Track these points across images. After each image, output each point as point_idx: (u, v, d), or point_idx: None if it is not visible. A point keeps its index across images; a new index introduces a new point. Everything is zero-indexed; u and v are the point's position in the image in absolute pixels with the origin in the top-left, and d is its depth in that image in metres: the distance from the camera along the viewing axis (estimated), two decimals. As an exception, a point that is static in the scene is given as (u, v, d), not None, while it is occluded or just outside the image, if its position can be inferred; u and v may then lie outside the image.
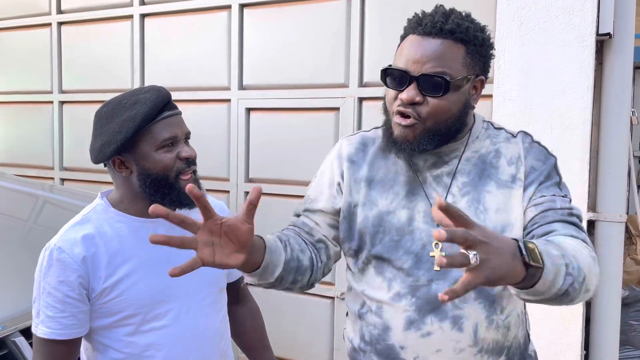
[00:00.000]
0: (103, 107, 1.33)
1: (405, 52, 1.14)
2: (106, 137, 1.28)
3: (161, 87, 1.34)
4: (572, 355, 2.39)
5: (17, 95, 4.02)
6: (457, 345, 1.18)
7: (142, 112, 1.26)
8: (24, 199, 2.75)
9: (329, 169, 1.34)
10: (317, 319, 3.04)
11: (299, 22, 3.00)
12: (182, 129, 1.34)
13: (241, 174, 3.17)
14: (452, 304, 1.17)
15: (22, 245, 2.23)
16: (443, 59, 1.11)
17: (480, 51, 1.15)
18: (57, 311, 1.27)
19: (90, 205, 1.39)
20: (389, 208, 1.23)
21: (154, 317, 1.32)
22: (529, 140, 1.26)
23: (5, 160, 4.10)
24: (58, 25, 3.78)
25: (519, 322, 1.26)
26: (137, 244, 1.32)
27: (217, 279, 1.45)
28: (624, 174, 2.49)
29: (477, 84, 1.19)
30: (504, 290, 1.19)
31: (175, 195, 1.31)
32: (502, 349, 1.22)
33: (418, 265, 1.19)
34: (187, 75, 3.32)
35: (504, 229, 1.16)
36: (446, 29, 1.11)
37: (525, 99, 2.37)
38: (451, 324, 1.17)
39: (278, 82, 3.06)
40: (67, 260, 1.26)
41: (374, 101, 2.82)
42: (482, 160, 1.22)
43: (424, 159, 1.23)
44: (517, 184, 1.19)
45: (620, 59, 2.42)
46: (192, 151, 1.33)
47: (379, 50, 2.79)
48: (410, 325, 1.19)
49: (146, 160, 1.29)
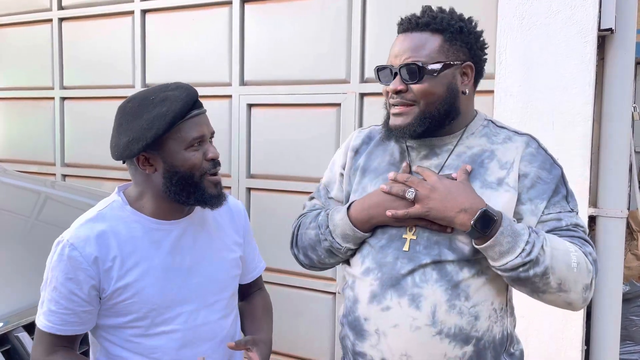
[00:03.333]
0: (128, 103, 1.31)
1: (390, 51, 1.30)
2: (133, 134, 1.26)
3: (188, 85, 1.34)
4: (573, 350, 2.39)
5: (19, 92, 4.02)
6: (413, 322, 1.23)
7: (173, 110, 1.25)
8: (26, 195, 2.76)
9: (339, 158, 1.46)
10: (318, 315, 3.04)
11: (300, 17, 2.99)
12: (209, 128, 1.34)
13: (242, 170, 3.17)
14: (412, 282, 1.24)
15: (24, 241, 2.24)
16: (417, 49, 1.24)
17: (461, 37, 1.25)
18: (60, 307, 1.27)
19: (107, 200, 1.37)
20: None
21: (163, 320, 1.32)
22: (535, 146, 1.29)
23: (6, 156, 4.10)
24: (59, 21, 3.78)
25: (496, 317, 1.28)
26: (150, 247, 1.31)
27: (228, 284, 1.44)
28: (625, 170, 2.49)
29: (467, 70, 1.27)
30: (473, 278, 1.23)
31: (200, 194, 1.31)
32: (468, 337, 1.24)
33: (389, 244, 1.28)
34: (188, 71, 3.32)
35: None
36: (421, 22, 1.24)
37: (527, 94, 2.37)
38: (409, 300, 1.23)
39: (279, 78, 3.06)
40: (78, 259, 1.26)
41: (375, 97, 2.82)
42: (472, 160, 1.28)
43: (418, 151, 1.32)
44: (503, 187, 1.24)
45: (622, 55, 2.41)
46: (217, 151, 1.34)
47: (380, 46, 2.79)
48: (373, 299, 1.27)
49: (174, 158, 1.28)
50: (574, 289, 1.18)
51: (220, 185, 1.34)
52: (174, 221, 1.35)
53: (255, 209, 3.15)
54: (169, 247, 1.33)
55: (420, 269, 1.23)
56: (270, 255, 3.12)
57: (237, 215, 1.51)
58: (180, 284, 1.33)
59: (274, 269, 3.10)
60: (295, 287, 3.08)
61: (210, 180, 1.31)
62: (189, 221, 1.37)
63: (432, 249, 1.23)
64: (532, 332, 2.43)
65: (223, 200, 1.35)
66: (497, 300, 1.28)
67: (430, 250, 1.23)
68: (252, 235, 1.57)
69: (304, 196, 2.97)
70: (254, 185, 3.15)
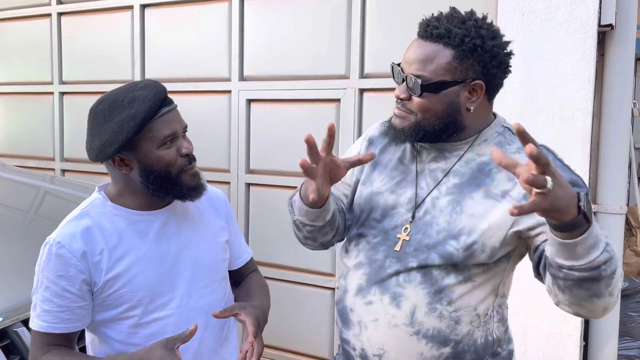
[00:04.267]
0: (98, 105, 1.32)
1: (405, 53, 1.26)
2: (106, 137, 1.27)
3: (156, 81, 1.34)
4: (572, 346, 2.40)
5: (18, 86, 4.02)
6: (392, 320, 1.26)
7: (142, 111, 1.25)
8: (25, 190, 2.76)
9: (356, 145, 1.47)
10: (317, 310, 3.05)
11: (299, 12, 2.99)
12: (180, 123, 1.34)
13: (242, 165, 3.17)
14: (396, 281, 1.26)
15: (23, 236, 2.24)
16: (424, 62, 1.20)
17: (473, 56, 1.19)
18: (54, 305, 1.28)
19: (89, 199, 1.39)
20: (380, 189, 1.34)
21: (156, 307, 1.33)
22: (550, 158, 1.22)
23: (5, 151, 4.10)
24: (58, 15, 3.77)
25: (479, 323, 1.27)
26: (135, 237, 1.33)
27: (218, 268, 1.46)
28: (624, 166, 2.50)
29: (476, 87, 1.22)
30: (459, 285, 1.23)
31: (178, 190, 1.33)
32: (446, 340, 1.24)
33: (383, 242, 1.30)
34: (188, 66, 3.31)
35: (470, 232, 1.21)
36: (435, 33, 1.20)
37: (527, 90, 2.37)
38: (390, 298, 1.26)
39: (279, 74, 3.06)
40: (66, 255, 1.27)
41: (375, 92, 2.81)
42: (480, 168, 1.26)
43: (428, 152, 1.32)
44: (506, 199, 1.21)
45: (622, 51, 2.41)
46: (190, 146, 1.35)
47: (380, 42, 2.78)
48: (359, 292, 1.31)
49: (148, 158, 1.29)
50: (616, 293, 1.12)
51: (198, 176, 1.36)
52: (155, 211, 1.37)
53: (255, 204, 3.15)
54: (153, 236, 1.35)
55: (405, 272, 1.25)
56: (270, 251, 3.12)
57: (217, 200, 1.53)
58: (169, 270, 1.34)
59: (273, 264, 3.11)
60: (294, 283, 3.08)
61: (188, 174, 1.33)
62: (171, 210, 1.40)
63: (422, 252, 1.24)
64: (531, 328, 2.44)
65: (203, 191, 1.37)
66: (482, 307, 1.27)
67: (419, 254, 1.24)
68: (235, 221, 1.59)
69: (303, 192, 2.97)
70: (253, 181, 3.15)
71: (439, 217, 1.25)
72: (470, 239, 1.21)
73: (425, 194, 1.28)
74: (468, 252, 1.21)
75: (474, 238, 1.21)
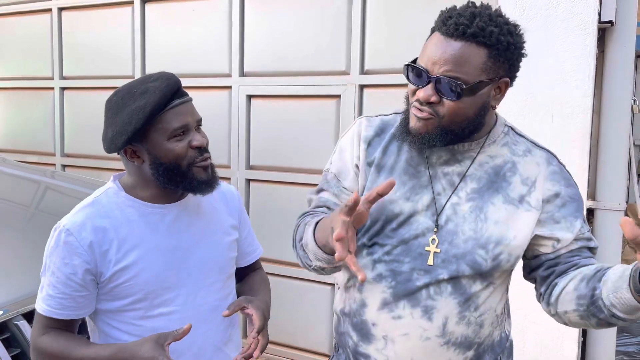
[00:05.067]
0: (113, 96, 1.33)
1: (427, 51, 1.15)
2: (117, 128, 1.28)
3: (171, 74, 1.33)
4: (570, 342, 2.41)
5: (18, 82, 4.02)
6: (424, 333, 1.22)
7: (151, 102, 1.25)
8: (26, 185, 2.76)
9: (349, 146, 1.33)
10: (317, 306, 3.06)
11: (300, 8, 2.98)
12: (193, 116, 1.32)
13: (242, 161, 3.18)
14: (426, 294, 1.21)
15: (23, 230, 2.24)
16: (460, 63, 1.11)
17: (505, 55, 1.14)
18: (57, 291, 1.29)
19: (103, 188, 1.39)
20: (392, 197, 1.24)
21: (161, 302, 1.33)
22: (556, 163, 1.27)
23: (6, 146, 4.10)
24: (58, 10, 3.77)
25: (497, 322, 1.29)
26: (146, 230, 1.33)
27: (225, 266, 1.45)
28: (624, 163, 2.50)
29: (502, 85, 1.18)
30: (483, 290, 1.23)
31: (188, 183, 1.32)
32: (471, 344, 1.25)
33: (405, 253, 1.23)
34: (188, 61, 3.32)
35: (498, 242, 1.20)
36: (469, 32, 1.10)
37: (526, 86, 2.37)
38: (422, 312, 1.22)
39: (279, 69, 3.06)
40: (73, 244, 1.27)
41: (375, 89, 2.82)
42: (495, 172, 1.24)
43: (438, 155, 1.25)
44: (524, 206, 1.21)
45: (622, 47, 2.41)
46: (203, 139, 1.33)
47: (380, 38, 2.78)
48: (384, 306, 1.25)
49: (158, 149, 1.28)
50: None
51: (210, 169, 1.34)
52: (168, 205, 1.36)
53: (255, 200, 3.16)
54: (164, 230, 1.35)
55: (436, 284, 1.21)
56: (269, 246, 3.13)
57: (231, 198, 1.52)
58: (177, 265, 1.34)
59: (273, 260, 3.11)
60: (293, 278, 3.09)
61: (199, 166, 1.31)
62: (184, 204, 1.39)
63: (451, 264, 1.20)
64: (529, 324, 2.44)
65: (215, 185, 1.35)
66: (499, 307, 1.29)
67: (449, 265, 1.20)
68: (247, 219, 1.58)
69: (303, 187, 2.98)
70: (253, 177, 3.16)
71: (463, 225, 1.21)
72: (498, 249, 1.20)
73: (444, 200, 1.23)
74: (495, 262, 1.20)
75: (501, 248, 1.20)
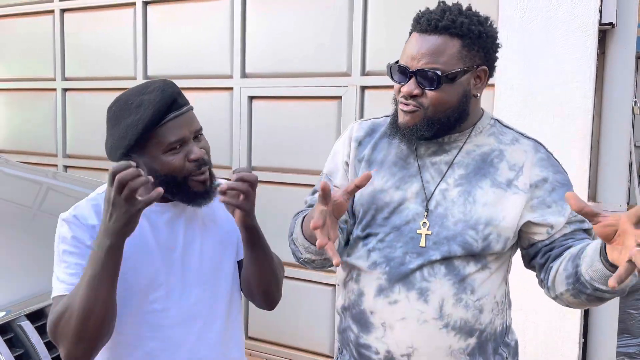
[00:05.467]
0: (112, 105, 1.32)
1: (406, 50, 1.25)
2: (114, 141, 1.29)
3: (169, 84, 1.30)
4: (571, 343, 2.41)
5: (20, 83, 4.03)
6: (421, 315, 1.24)
7: (143, 119, 1.24)
8: (28, 186, 2.77)
9: (341, 148, 1.43)
10: (318, 307, 3.06)
11: (301, 10, 2.99)
12: (190, 127, 1.29)
13: (243, 162, 3.18)
14: (420, 276, 1.25)
15: (25, 231, 2.25)
16: (436, 54, 1.20)
17: (479, 43, 1.22)
18: (70, 270, 1.26)
19: (104, 186, 1.40)
20: (383, 187, 1.31)
21: (154, 299, 1.33)
22: (544, 151, 1.31)
23: (8, 147, 4.11)
24: (61, 12, 3.78)
25: (497, 310, 1.30)
26: (145, 226, 1.33)
27: (224, 268, 1.44)
28: (624, 164, 2.50)
29: (480, 74, 1.25)
30: (478, 272, 1.25)
31: (184, 194, 1.31)
32: (472, 330, 1.26)
33: (398, 238, 1.27)
34: (190, 63, 3.32)
35: (488, 222, 1.24)
36: (440, 25, 1.20)
37: (527, 88, 2.37)
38: (417, 294, 1.24)
39: (280, 71, 3.07)
40: (80, 221, 1.29)
41: (376, 90, 2.82)
42: (482, 158, 1.28)
43: (426, 147, 1.31)
44: (512, 189, 1.25)
45: (622, 49, 2.42)
46: (200, 151, 1.30)
47: (381, 39, 2.79)
48: (380, 292, 1.28)
49: (154, 162, 1.28)
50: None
51: (207, 183, 1.31)
52: (167, 203, 1.37)
53: (256, 201, 3.15)
54: (162, 227, 1.35)
55: (429, 265, 1.24)
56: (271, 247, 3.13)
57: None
58: (171, 263, 1.34)
59: (274, 261, 3.11)
60: (295, 279, 3.09)
61: (196, 180, 1.29)
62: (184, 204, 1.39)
63: (442, 245, 1.24)
64: (530, 324, 2.45)
65: (209, 198, 1.33)
66: (498, 294, 1.30)
67: (440, 246, 1.24)
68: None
69: (305, 188, 2.98)
70: (254, 178, 3.16)
71: (452, 209, 1.25)
72: (488, 229, 1.23)
73: (432, 187, 1.28)
74: (486, 242, 1.24)
75: (490, 229, 1.23)
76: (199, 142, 1.32)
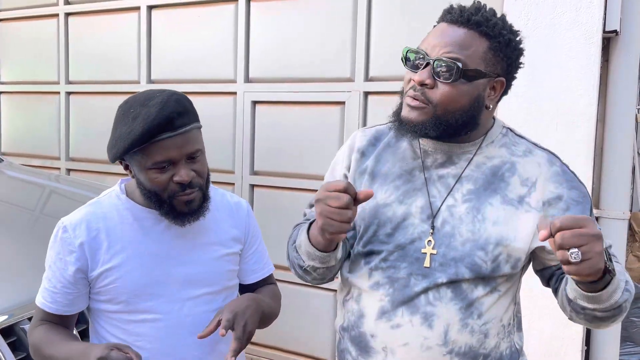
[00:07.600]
0: (121, 106, 1.32)
1: (428, 38, 1.16)
2: (110, 145, 1.31)
3: (170, 101, 1.25)
4: (573, 350, 2.40)
5: (24, 86, 4.04)
6: (425, 341, 1.17)
7: (133, 135, 1.22)
8: (31, 189, 2.77)
9: (341, 158, 1.35)
10: (319, 312, 3.06)
11: (305, 15, 3.00)
12: (183, 149, 1.25)
13: (246, 167, 3.19)
14: (426, 300, 1.17)
15: (28, 234, 2.25)
16: (461, 46, 1.11)
17: (505, 51, 1.15)
18: (51, 285, 1.33)
19: (109, 190, 1.43)
20: (386, 201, 1.23)
21: (146, 308, 1.32)
22: (559, 164, 1.23)
23: (11, 150, 4.12)
24: (65, 16, 3.79)
25: (504, 333, 1.23)
26: (138, 234, 1.34)
27: (219, 278, 1.41)
28: (628, 171, 2.50)
29: (497, 85, 1.17)
30: (486, 296, 1.18)
31: (167, 211, 1.30)
32: (476, 355, 1.19)
33: (402, 258, 1.19)
34: (193, 67, 3.33)
35: (498, 242, 1.16)
36: (473, 19, 1.12)
37: (531, 95, 2.38)
38: (421, 319, 1.17)
39: (284, 76, 3.07)
40: (67, 240, 1.31)
41: (380, 96, 2.82)
42: (492, 172, 1.20)
43: (434, 158, 1.23)
44: (524, 207, 1.17)
45: (626, 57, 2.42)
46: (188, 175, 1.26)
47: (385, 45, 2.79)
48: (382, 315, 1.20)
49: (139, 174, 1.29)
50: (627, 309, 1.13)
51: (192, 204, 1.29)
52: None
53: (259, 205, 3.16)
54: (156, 235, 1.34)
55: (434, 288, 1.17)
56: (272, 252, 3.11)
57: (238, 210, 1.49)
58: (164, 272, 1.33)
59: (276, 265, 3.08)
60: (296, 284, 3.08)
61: (180, 200, 1.28)
62: None
63: (449, 267, 1.16)
64: (533, 332, 2.44)
65: (194, 218, 1.31)
66: (505, 317, 1.23)
67: (447, 268, 1.16)
68: (258, 235, 1.54)
69: (307, 194, 2.98)
70: (257, 182, 3.17)
71: (460, 227, 1.17)
72: (498, 249, 1.16)
73: (439, 202, 1.20)
74: (495, 263, 1.16)
75: (500, 249, 1.16)
76: (192, 164, 1.29)
